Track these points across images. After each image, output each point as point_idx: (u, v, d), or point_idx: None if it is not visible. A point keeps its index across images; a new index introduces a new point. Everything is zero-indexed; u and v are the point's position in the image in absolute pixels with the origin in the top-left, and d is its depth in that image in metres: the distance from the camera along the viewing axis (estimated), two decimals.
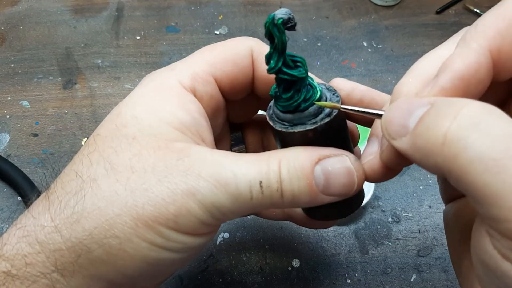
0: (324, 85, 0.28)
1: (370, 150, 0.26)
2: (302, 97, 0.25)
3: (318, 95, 0.26)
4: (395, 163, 0.24)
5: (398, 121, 0.21)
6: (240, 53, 0.29)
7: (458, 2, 0.68)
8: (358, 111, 0.25)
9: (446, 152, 0.18)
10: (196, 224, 0.24)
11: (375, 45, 0.62)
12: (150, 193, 0.24)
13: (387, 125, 0.22)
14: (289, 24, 0.23)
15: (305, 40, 0.63)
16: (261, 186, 0.24)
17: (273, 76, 0.25)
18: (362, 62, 0.60)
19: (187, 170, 0.24)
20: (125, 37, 0.62)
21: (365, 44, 0.62)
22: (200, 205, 0.24)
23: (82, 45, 0.61)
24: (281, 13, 0.23)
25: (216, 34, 0.63)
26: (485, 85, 0.22)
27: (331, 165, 0.25)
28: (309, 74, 0.28)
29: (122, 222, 0.23)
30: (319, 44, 0.62)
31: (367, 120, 0.28)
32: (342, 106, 0.25)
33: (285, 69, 0.24)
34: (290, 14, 0.23)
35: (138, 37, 0.63)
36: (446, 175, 0.19)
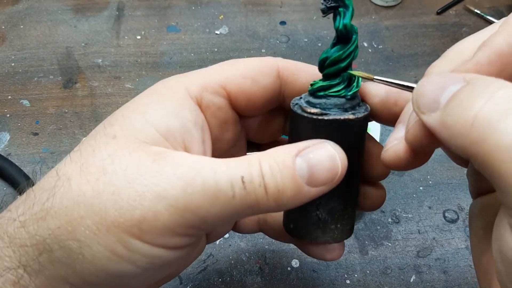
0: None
1: (396, 135, 0.24)
2: (345, 84, 0.26)
3: (358, 87, 0.27)
4: (421, 144, 0.22)
5: (430, 94, 0.20)
6: (263, 71, 0.28)
7: (458, 3, 0.68)
8: (390, 82, 0.24)
9: (474, 134, 0.17)
10: (165, 233, 0.22)
11: (375, 46, 0.62)
12: (117, 196, 0.22)
13: (418, 98, 0.21)
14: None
15: (306, 40, 0.63)
16: (243, 182, 0.22)
17: (303, 92, 0.27)
18: (362, 63, 0.60)
19: (160, 171, 0.22)
20: (126, 37, 0.62)
21: (365, 44, 0.62)
22: (170, 209, 0.22)
23: (83, 44, 0.61)
24: None
25: (216, 34, 0.63)
26: None
27: (312, 153, 0.24)
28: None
29: (84, 225, 0.22)
30: (319, 45, 0.62)
31: (393, 119, 0.27)
32: (376, 77, 0.25)
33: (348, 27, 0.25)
34: None
35: (138, 37, 0.63)
36: (471, 158, 0.18)
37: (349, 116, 0.25)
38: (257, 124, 0.31)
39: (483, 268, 0.24)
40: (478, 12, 0.67)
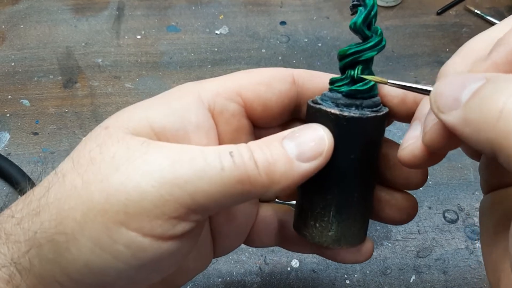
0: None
1: (412, 134, 0.24)
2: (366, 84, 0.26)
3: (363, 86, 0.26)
4: (439, 147, 0.22)
5: (450, 93, 0.20)
6: (278, 77, 0.27)
7: (459, 3, 0.68)
8: (405, 86, 0.24)
9: (500, 127, 0.17)
10: (152, 215, 0.21)
11: None
12: (105, 183, 0.21)
13: (437, 98, 0.20)
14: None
15: (306, 40, 0.63)
16: (231, 155, 0.22)
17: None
18: None
19: (147, 153, 0.22)
20: (126, 37, 0.62)
21: None
22: (156, 185, 0.21)
23: (83, 44, 0.61)
24: None
25: (216, 34, 0.63)
26: None
27: (297, 133, 0.24)
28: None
29: (72, 217, 0.21)
30: (319, 45, 0.62)
31: (411, 117, 0.26)
32: (390, 81, 0.25)
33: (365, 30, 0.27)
34: None
35: (138, 37, 0.63)
36: (496, 152, 0.18)
37: (370, 114, 0.26)
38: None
39: (493, 263, 0.24)
40: (478, 12, 0.67)
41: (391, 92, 0.27)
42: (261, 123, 0.28)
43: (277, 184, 0.23)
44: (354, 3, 0.26)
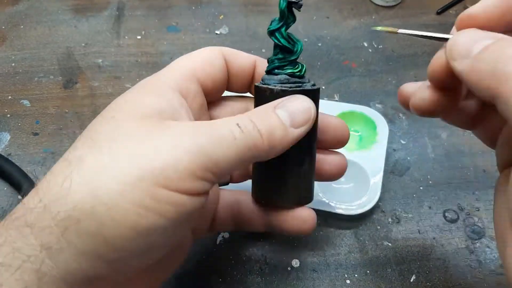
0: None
1: (421, 85, 0.29)
2: (300, 67, 0.33)
3: (303, 70, 0.33)
4: (439, 76, 0.27)
5: (464, 44, 0.24)
6: (213, 54, 0.32)
7: (459, 3, 0.68)
8: (420, 35, 0.29)
9: (501, 74, 0.21)
10: (187, 177, 0.24)
11: (375, 46, 0.62)
12: (134, 156, 0.24)
13: (452, 47, 0.24)
14: (299, 0, 0.30)
15: (306, 40, 0.63)
16: (239, 126, 0.26)
17: (245, 72, 0.34)
18: (362, 63, 0.60)
19: (168, 128, 0.25)
20: (126, 37, 0.63)
21: (365, 44, 0.62)
22: (188, 154, 0.24)
23: (83, 44, 0.61)
24: None
25: (216, 34, 0.63)
26: None
27: (288, 103, 0.29)
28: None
29: (108, 188, 0.23)
30: (319, 44, 0.62)
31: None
32: (400, 30, 0.30)
33: (278, 35, 0.32)
34: None
35: (139, 37, 0.63)
36: (495, 98, 0.21)
37: (309, 87, 0.32)
38: (221, 114, 0.35)
39: (504, 240, 0.25)
40: None
41: (408, 89, 0.31)
42: (210, 97, 0.33)
43: (276, 148, 0.28)
44: (299, 3, 0.31)
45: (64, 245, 0.23)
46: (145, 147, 0.24)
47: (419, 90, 0.28)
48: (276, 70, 0.32)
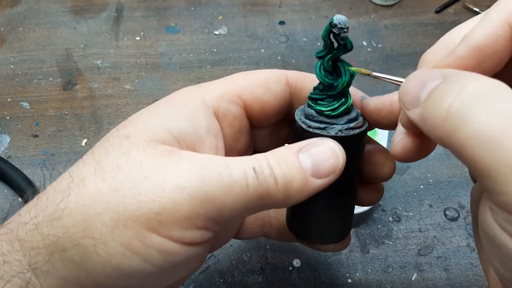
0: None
1: (400, 130, 0.26)
2: (336, 104, 0.27)
3: (350, 102, 0.28)
4: (412, 126, 0.24)
5: (412, 92, 0.22)
6: (274, 79, 0.29)
7: (457, 1, 0.68)
8: (385, 78, 0.26)
9: (448, 126, 0.19)
10: (183, 224, 0.22)
11: (374, 45, 0.62)
12: (135, 191, 0.22)
13: (403, 95, 0.22)
14: (339, 32, 0.25)
15: (305, 40, 0.63)
16: (255, 172, 0.23)
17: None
18: (362, 62, 0.60)
19: (176, 165, 0.23)
20: (125, 38, 0.62)
21: (364, 43, 0.62)
22: (189, 199, 0.22)
23: (82, 46, 0.61)
24: (337, 19, 0.25)
25: (215, 34, 0.63)
26: (502, 58, 0.22)
27: (314, 148, 0.25)
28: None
29: (101, 222, 0.22)
30: (318, 44, 0.62)
31: (390, 123, 0.28)
32: (374, 73, 0.27)
33: (319, 63, 0.27)
34: (343, 24, 0.25)
35: (137, 38, 0.63)
36: (449, 148, 0.20)
37: (349, 132, 0.27)
38: (265, 134, 0.32)
39: (482, 251, 0.25)
40: (477, 10, 0.67)
41: (378, 105, 0.28)
42: (258, 123, 0.30)
43: (292, 199, 0.24)
44: (340, 32, 0.25)
45: (50, 268, 0.22)
46: (147, 183, 0.22)
47: (400, 137, 0.25)
48: (310, 102, 0.28)
